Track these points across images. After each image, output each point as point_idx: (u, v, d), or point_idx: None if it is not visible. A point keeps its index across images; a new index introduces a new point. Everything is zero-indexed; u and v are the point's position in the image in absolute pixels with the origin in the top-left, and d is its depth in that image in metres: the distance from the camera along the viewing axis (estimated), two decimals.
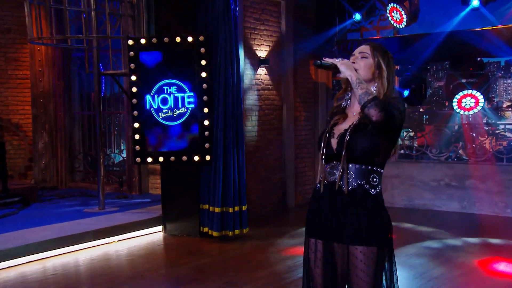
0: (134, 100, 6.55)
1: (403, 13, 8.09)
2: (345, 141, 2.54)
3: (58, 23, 8.36)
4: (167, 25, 6.57)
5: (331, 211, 2.59)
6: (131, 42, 6.49)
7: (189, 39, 6.35)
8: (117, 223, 6.69)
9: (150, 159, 6.64)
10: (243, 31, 7.68)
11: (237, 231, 6.56)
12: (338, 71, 2.58)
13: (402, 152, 8.85)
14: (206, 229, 6.64)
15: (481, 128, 8.65)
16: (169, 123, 6.55)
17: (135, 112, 6.58)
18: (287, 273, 5.38)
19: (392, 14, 8.14)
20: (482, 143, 8.66)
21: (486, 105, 8.41)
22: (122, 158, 9.73)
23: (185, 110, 6.50)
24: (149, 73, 6.50)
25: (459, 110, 7.64)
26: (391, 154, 2.67)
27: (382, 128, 2.47)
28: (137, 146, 6.61)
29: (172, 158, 6.56)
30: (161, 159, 6.60)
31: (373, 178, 2.57)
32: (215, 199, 6.48)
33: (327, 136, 2.63)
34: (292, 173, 8.81)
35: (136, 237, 6.78)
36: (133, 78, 6.52)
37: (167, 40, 6.38)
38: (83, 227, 6.43)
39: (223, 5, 6.35)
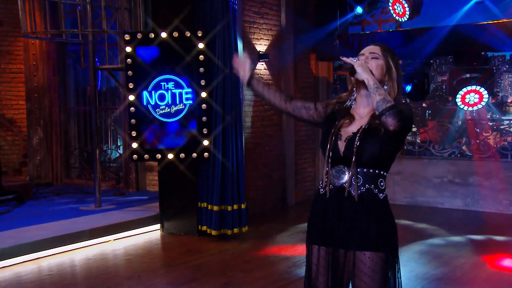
0: (131, 96, 6.53)
1: (405, 6, 8.06)
2: (355, 146, 2.52)
3: (52, 16, 8.32)
4: (165, 19, 6.53)
5: (338, 217, 2.56)
6: (127, 37, 6.46)
7: (187, 33, 6.32)
8: (113, 222, 6.69)
9: (147, 156, 6.63)
10: (242, 25, 7.65)
11: (236, 229, 6.56)
12: (354, 72, 2.55)
13: (404, 148, 8.84)
14: (204, 228, 6.64)
15: (485, 124, 8.64)
16: (166, 120, 6.53)
17: (132, 109, 6.55)
18: (287, 273, 5.39)
19: (395, 7, 8.12)
20: (486, 139, 8.65)
21: (491, 100, 8.41)
22: (118, 154, 9.71)
23: (183, 107, 6.48)
24: (146, 69, 6.47)
25: (462, 106, 7.62)
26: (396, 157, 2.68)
27: (396, 137, 2.49)
28: (134, 143, 6.60)
29: (169, 155, 6.55)
30: (158, 156, 6.59)
31: (380, 182, 2.57)
32: (214, 197, 6.48)
33: (333, 138, 2.59)
34: (292, 170, 8.80)
35: (133, 235, 6.78)
36: (130, 73, 6.49)
37: (165, 35, 6.36)
38: (79, 226, 6.43)
39: None
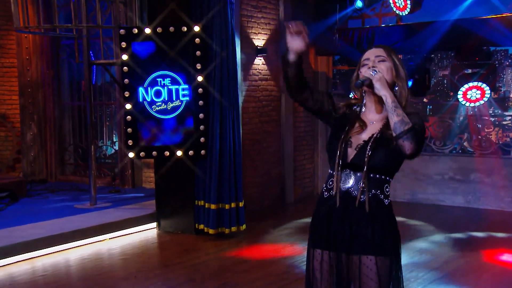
0: (126, 92, 6.51)
1: (406, 0, 8.05)
2: (366, 156, 2.52)
3: (45, 9, 8.27)
4: (161, 14, 6.50)
5: (343, 221, 2.57)
6: (123, 32, 6.44)
7: (184, 29, 6.30)
8: (109, 220, 6.68)
9: (143, 153, 6.62)
10: (240, 19, 7.62)
11: (233, 228, 6.56)
12: (372, 86, 2.51)
13: None
14: (201, 226, 6.64)
15: (487, 120, 8.64)
16: (163, 117, 6.52)
17: (128, 105, 6.54)
18: (285, 273, 5.40)
19: (395, 0, 8.10)
20: (488, 135, 8.66)
21: (493, 95, 8.40)
22: (114, 150, 9.69)
23: (180, 103, 6.47)
24: (141, 64, 6.45)
25: (464, 102, 7.63)
26: None
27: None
28: (130, 140, 6.58)
29: (166, 153, 6.54)
30: (154, 153, 6.58)
31: (386, 188, 2.59)
32: (211, 195, 6.48)
33: (343, 145, 2.58)
34: (291, 166, 8.80)
35: (129, 234, 6.78)
36: (125, 69, 6.47)
37: (161, 30, 6.33)
38: (74, 225, 6.42)
39: None
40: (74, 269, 5.61)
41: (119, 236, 6.66)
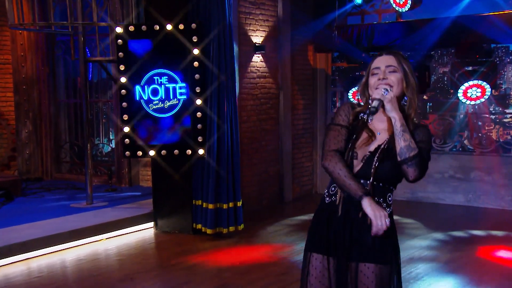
0: (123, 91, 6.50)
1: None
2: (373, 167, 2.52)
3: (41, 5, 8.25)
4: (158, 11, 6.48)
5: (344, 227, 2.58)
6: (119, 30, 6.42)
7: (181, 26, 6.29)
8: (105, 220, 6.68)
9: (140, 152, 6.61)
10: (238, 15, 7.61)
11: (231, 228, 6.56)
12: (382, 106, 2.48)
13: None
14: (199, 226, 6.64)
15: (487, 118, 8.64)
16: (160, 115, 6.51)
17: (124, 104, 6.53)
18: (284, 274, 5.40)
19: None
20: (489, 132, 8.66)
21: (494, 92, 8.40)
22: (110, 148, 9.68)
23: (177, 102, 6.46)
24: (138, 63, 6.43)
25: (464, 100, 7.62)
26: None
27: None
28: (127, 139, 6.58)
29: (163, 152, 6.53)
30: (151, 152, 6.58)
31: (389, 197, 2.62)
32: (209, 195, 6.48)
33: (349, 157, 2.57)
34: (289, 164, 8.81)
35: (126, 234, 6.78)
36: (122, 67, 6.46)
37: (158, 27, 6.32)
38: (70, 225, 6.42)
39: None
40: (70, 270, 5.62)
41: (115, 236, 6.66)
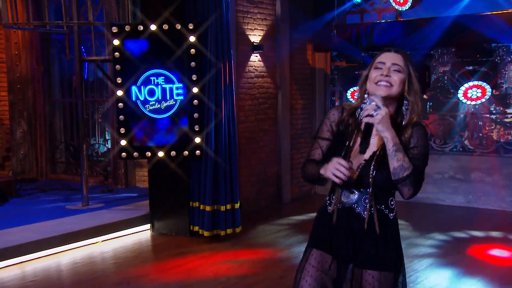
0: (119, 91, 6.49)
1: None
2: (370, 177, 2.48)
3: (35, 4, 8.24)
4: (154, 10, 6.46)
5: (347, 238, 2.56)
6: (115, 29, 6.41)
7: (178, 26, 6.27)
8: (101, 222, 6.67)
9: (136, 154, 6.61)
10: (235, 14, 7.60)
11: (229, 230, 6.57)
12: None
13: None
14: (196, 228, 6.64)
15: (488, 118, 8.65)
16: (156, 116, 6.50)
17: (120, 104, 6.52)
18: (282, 277, 5.40)
19: None
20: (489, 133, 8.67)
21: (494, 92, 8.39)
22: (106, 148, 9.67)
23: (174, 102, 6.45)
24: (134, 63, 6.42)
25: (465, 101, 7.63)
26: None
27: None
28: (123, 140, 6.57)
29: (160, 153, 6.53)
30: (148, 154, 6.57)
31: (391, 201, 2.59)
32: (206, 196, 6.47)
33: None
34: (288, 165, 8.81)
35: (122, 236, 6.77)
36: (118, 67, 6.45)
37: (154, 27, 6.30)
38: (65, 227, 6.40)
39: None
40: (66, 273, 5.61)
41: (112, 239, 6.65)
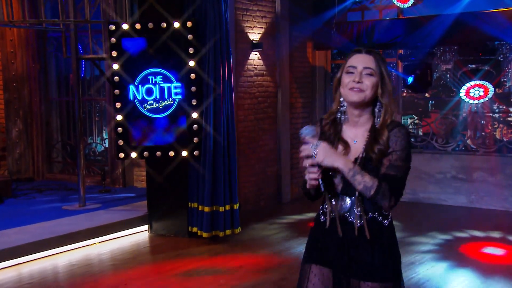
0: (117, 90, 6.48)
1: None
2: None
3: (31, 0, 8.21)
4: (152, 9, 6.44)
5: (341, 247, 2.53)
6: (112, 28, 6.39)
7: (176, 24, 6.25)
8: (99, 223, 6.65)
9: (134, 154, 6.59)
10: (234, 12, 7.58)
11: (228, 231, 6.55)
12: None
13: None
14: (195, 229, 6.63)
15: (491, 116, 8.63)
16: (154, 116, 6.49)
17: (118, 104, 6.50)
18: (282, 280, 5.39)
19: None
20: (492, 132, 8.66)
21: (497, 90, 8.39)
22: (104, 147, 9.65)
23: (172, 102, 6.43)
24: (132, 62, 6.41)
25: (467, 100, 7.61)
26: None
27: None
28: (120, 140, 6.55)
29: (158, 153, 6.51)
30: (146, 154, 6.56)
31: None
32: (205, 197, 6.46)
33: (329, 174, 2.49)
34: (288, 164, 8.79)
35: (120, 237, 6.76)
36: (115, 66, 6.43)
37: (152, 25, 6.28)
38: (62, 229, 6.39)
39: None
40: (62, 276, 5.60)
41: (109, 240, 6.64)
